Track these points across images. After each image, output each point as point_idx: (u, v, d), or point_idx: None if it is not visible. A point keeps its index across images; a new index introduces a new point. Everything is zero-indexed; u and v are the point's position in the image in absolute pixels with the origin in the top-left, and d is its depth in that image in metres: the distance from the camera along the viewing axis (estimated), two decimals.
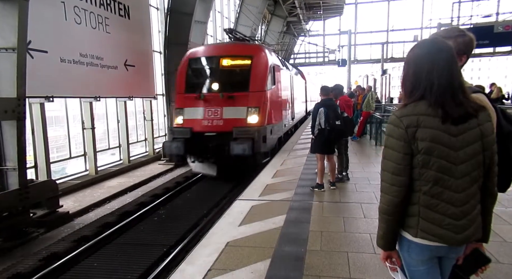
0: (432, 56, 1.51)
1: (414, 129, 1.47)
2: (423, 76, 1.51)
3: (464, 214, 1.50)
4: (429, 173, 1.48)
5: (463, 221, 1.50)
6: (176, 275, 3.13)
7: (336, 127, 5.57)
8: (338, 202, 5.14)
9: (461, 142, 1.47)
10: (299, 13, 25.83)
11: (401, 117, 1.51)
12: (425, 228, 1.51)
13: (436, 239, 1.51)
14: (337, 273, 3.10)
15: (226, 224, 4.32)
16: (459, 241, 1.52)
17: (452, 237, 1.50)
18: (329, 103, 5.76)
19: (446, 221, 1.49)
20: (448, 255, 1.63)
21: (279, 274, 3.09)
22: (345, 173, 6.37)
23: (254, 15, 20.68)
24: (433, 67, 1.49)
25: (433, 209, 1.50)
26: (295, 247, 3.61)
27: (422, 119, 1.47)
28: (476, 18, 23.77)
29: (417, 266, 1.63)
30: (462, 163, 1.48)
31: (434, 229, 1.50)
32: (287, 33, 30.60)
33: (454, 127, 1.47)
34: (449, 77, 1.48)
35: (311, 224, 4.26)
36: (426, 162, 1.48)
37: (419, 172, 1.50)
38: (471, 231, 1.53)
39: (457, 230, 1.50)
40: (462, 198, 1.50)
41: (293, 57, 31.12)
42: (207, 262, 3.33)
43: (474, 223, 1.54)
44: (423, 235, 1.52)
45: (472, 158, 1.49)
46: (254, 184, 6.25)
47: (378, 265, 3.20)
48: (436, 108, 1.47)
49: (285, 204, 5.05)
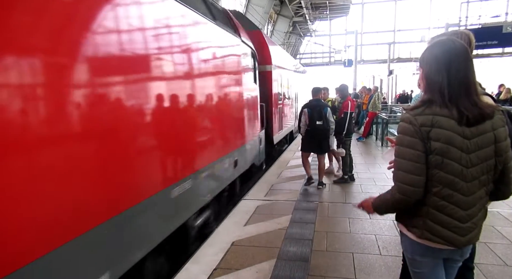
0: (449, 56, 1.48)
1: (428, 129, 1.44)
2: (439, 75, 1.49)
3: (470, 217, 1.50)
4: (441, 175, 1.47)
5: (468, 224, 1.50)
6: (182, 274, 3.15)
7: (316, 127, 5.71)
8: (343, 203, 5.13)
9: (474, 145, 1.45)
10: (305, 13, 25.75)
11: (415, 115, 1.48)
12: (431, 230, 1.51)
13: (441, 241, 1.51)
14: (342, 274, 3.09)
15: (232, 224, 4.33)
16: (463, 243, 1.51)
17: (457, 239, 1.50)
18: (314, 103, 5.86)
19: (453, 223, 1.49)
20: (453, 256, 1.62)
21: (284, 274, 3.10)
22: (351, 174, 6.34)
23: (260, 15, 20.66)
24: (450, 66, 1.47)
25: (441, 211, 1.49)
26: (300, 248, 3.61)
27: (437, 119, 1.45)
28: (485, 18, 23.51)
29: (421, 267, 1.62)
30: (473, 166, 1.47)
31: (441, 231, 1.50)
32: (293, 33, 30.53)
33: (468, 130, 1.45)
34: (465, 77, 1.47)
35: (316, 224, 4.26)
36: (438, 163, 1.46)
37: (430, 173, 1.48)
38: (475, 233, 1.53)
39: (461, 233, 1.49)
40: (470, 201, 1.49)
41: (299, 57, 31.04)
42: (213, 261, 3.35)
43: (477, 226, 1.54)
44: (429, 236, 1.52)
45: (484, 162, 1.48)
46: (260, 184, 6.26)
47: (383, 267, 3.19)
48: (451, 108, 1.45)
49: (290, 204, 5.05)
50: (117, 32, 2.31)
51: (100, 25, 2.14)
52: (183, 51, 3.30)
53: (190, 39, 3.45)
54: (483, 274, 2.99)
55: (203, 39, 3.85)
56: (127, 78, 2.39)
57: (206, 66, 3.89)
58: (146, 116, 2.60)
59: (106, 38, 2.19)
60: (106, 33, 2.20)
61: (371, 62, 28.59)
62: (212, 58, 4.14)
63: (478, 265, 3.05)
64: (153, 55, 2.73)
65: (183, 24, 3.32)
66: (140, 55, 2.55)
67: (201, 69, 3.73)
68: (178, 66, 3.17)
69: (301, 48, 33.57)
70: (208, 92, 3.92)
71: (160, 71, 2.83)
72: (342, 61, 25.66)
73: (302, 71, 15.18)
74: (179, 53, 3.21)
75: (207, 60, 3.94)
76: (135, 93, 2.48)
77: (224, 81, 4.56)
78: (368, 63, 28.67)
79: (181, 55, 3.25)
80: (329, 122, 5.74)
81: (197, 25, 3.68)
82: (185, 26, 3.35)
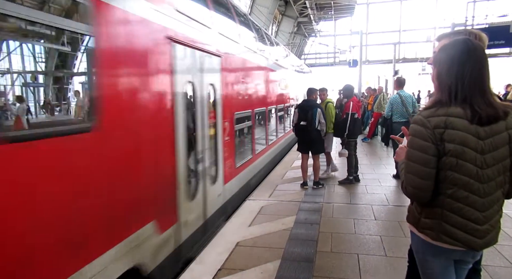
0: (465, 57, 1.47)
1: (441, 131, 1.43)
2: (452, 76, 1.48)
3: (487, 219, 1.48)
4: (455, 176, 1.45)
5: (485, 226, 1.47)
6: (186, 274, 3.16)
7: (300, 127, 5.86)
8: (348, 204, 5.11)
9: (488, 146, 1.44)
10: (310, 13, 25.73)
11: (428, 117, 1.47)
12: (447, 232, 1.49)
13: (458, 243, 1.48)
14: (347, 275, 3.08)
15: (236, 224, 4.33)
16: (481, 246, 1.49)
17: (474, 242, 1.47)
18: (304, 104, 6.02)
19: (470, 226, 1.46)
20: (465, 258, 1.60)
21: (288, 275, 3.09)
22: (355, 174, 6.31)
23: (264, 15, 20.68)
24: (465, 67, 1.46)
25: (457, 213, 1.47)
26: (305, 248, 3.60)
27: (451, 120, 1.43)
28: (492, 18, 23.29)
29: (432, 268, 1.61)
30: (488, 167, 1.45)
31: (457, 234, 1.48)
32: (298, 33, 30.50)
33: (482, 130, 1.43)
34: (479, 77, 1.46)
35: (321, 225, 4.24)
36: (452, 164, 1.44)
37: (445, 175, 1.46)
38: (492, 236, 1.51)
39: (479, 235, 1.47)
40: (486, 203, 1.47)
41: (303, 57, 31.00)
42: (217, 262, 3.35)
43: (495, 228, 1.51)
44: (445, 239, 1.49)
45: (499, 163, 1.46)
46: (264, 185, 6.25)
47: (389, 268, 3.17)
48: (465, 108, 1.43)
49: (295, 205, 5.04)
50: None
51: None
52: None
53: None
54: (490, 276, 2.96)
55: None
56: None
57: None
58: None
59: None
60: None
61: (376, 62, 28.42)
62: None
63: (485, 267, 3.02)
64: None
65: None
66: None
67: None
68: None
69: (306, 49, 33.53)
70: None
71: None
72: (347, 61, 25.56)
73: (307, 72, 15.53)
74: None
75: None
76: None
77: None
78: (373, 64, 28.52)
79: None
80: (315, 123, 5.71)
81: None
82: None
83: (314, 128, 5.73)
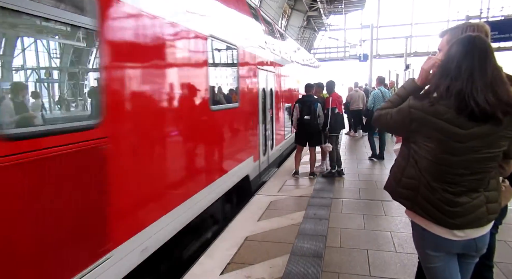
0: (465, 53, 1.44)
1: (421, 115, 1.48)
2: (451, 71, 1.45)
3: (459, 204, 1.49)
4: (431, 165, 1.50)
5: (457, 209, 1.49)
6: (196, 267, 3.20)
7: (304, 122, 6.15)
8: (358, 199, 5.08)
9: (469, 136, 1.42)
10: (320, 7, 25.40)
11: (412, 107, 1.52)
12: (421, 205, 1.55)
13: (429, 218, 1.53)
14: (356, 270, 3.07)
15: (245, 219, 4.35)
16: (452, 225, 1.50)
17: (444, 220, 1.50)
18: (305, 99, 6.31)
19: (440, 205, 1.50)
20: (468, 251, 1.58)
21: (297, 270, 3.10)
22: (339, 169, 6.37)
23: (274, 10, 20.52)
24: (468, 64, 1.43)
25: (430, 191, 1.52)
26: (314, 244, 3.60)
27: (438, 109, 1.44)
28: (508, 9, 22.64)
29: (433, 262, 1.61)
30: (464, 155, 1.45)
31: (429, 209, 1.54)
32: (307, 28, 30.21)
33: (467, 124, 1.40)
34: (481, 73, 1.41)
35: (330, 221, 4.23)
36: (432, 153, 1.48)
37: (415, 160, 1.55)
38: (472, 217, 1.50)
39: (449, 215, 1.50)
40: (460, 189, 1.49)
41: (313, 52, 30.74)
42: (226, 256, 3.38)
43: (472, 213, 1.50)
44: (418, 211, 1.56)
45: (473, 164, 1.47)
46: (273, 180, 6.26)
47: (399, 264, 3.15)
48: (457, 101, 1.41)
49: (304, 200, 5.04)
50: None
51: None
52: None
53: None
54: (502, 273, 2.92)
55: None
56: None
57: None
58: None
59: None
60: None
61: (387, 56, 28.00)
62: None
63: (498, 263, 2.96)
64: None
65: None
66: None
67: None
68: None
69: (316, 43, 33.23)
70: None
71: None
72: (357, 55, 25.26)
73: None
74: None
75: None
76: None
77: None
78: (384, 58, 28.12)
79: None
80: (317, 117, 6.08)
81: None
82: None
83: (316, 122, 6.08)
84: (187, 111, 3.43)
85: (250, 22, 6.07)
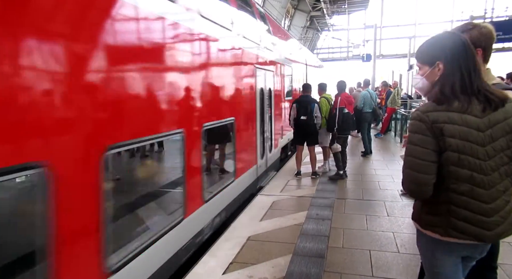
0: (446, 50, 1.50)
1: (441, 125, 1.43)
2: (443, 71, 1.50)
3: (495, 211, 1.46)
4: (458, 170, 1.45)
5: (494, 218, 1.46)
6: (199, 266, 3.21)
7: (301, 122, 6.18)
8: (360, 200, 5.07)
9: (488, 137, 1.44)
10: (323, 7, 25.35)
11: (426, 112, 1.47)
12: (456, 227, 1.47)
13: (467, 237, 1.47)
14: (359, 271, 3.07)
15: (248, 219, 4.36)
16: (492, 238, 1.47)
17: (483, 234, 1.46)
18: (303, 99, 6.34)
19: (477, 218, 1.45)
20: (473, 254, 1.58)
21: (300, 270, 3.10)
22: (343, 170, 6.24)
23: (277, 9, 20.51)
24: (460, 61, 1.47)
25: (463, 207, 1.46)
26: (316, 244, 3.60)
27: (449, 115, 1.43)
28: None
29: (441, 267, 1.59)
30: (490, 159, 1.45)
31: (466, 227, 1.46)
32: (310, 28, 30.16)
33: (481, 122, 1.43)
34: (475, 69, 1.46)
35: (333, 221, 4.23)
36: (454, 159, 1.44)
37: (448, 170, 1.46)
38: (504, 227, 1.48)
39: (488, 227, 1.46)
40: (492, 194, 1.46)
41: (316, 52, 30.69)
42: (229, 255, 3.38)
43: (506, 219, 1.49)
44: (454, 234, 1.48)
45: (500, 153, 1.46)
46: (276, 180, 6.26)
47: (401, 265, 3.14)
48: (464, 101, 1.44)
49: (306, 200, 5.03)
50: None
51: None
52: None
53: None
54: (506, 275, 2.90)
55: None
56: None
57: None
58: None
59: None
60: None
61: (390, 56, 27.86)
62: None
63: (502, 265, 2.96)
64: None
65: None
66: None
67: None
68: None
69: (319, 43, 33.16)
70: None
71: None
72: (360, 55, 25.20)
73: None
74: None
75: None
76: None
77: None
78: (388, 58, 27.98)
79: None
80: (314, 117, 6.10)
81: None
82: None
83: (313, 122, 6.12)
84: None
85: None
